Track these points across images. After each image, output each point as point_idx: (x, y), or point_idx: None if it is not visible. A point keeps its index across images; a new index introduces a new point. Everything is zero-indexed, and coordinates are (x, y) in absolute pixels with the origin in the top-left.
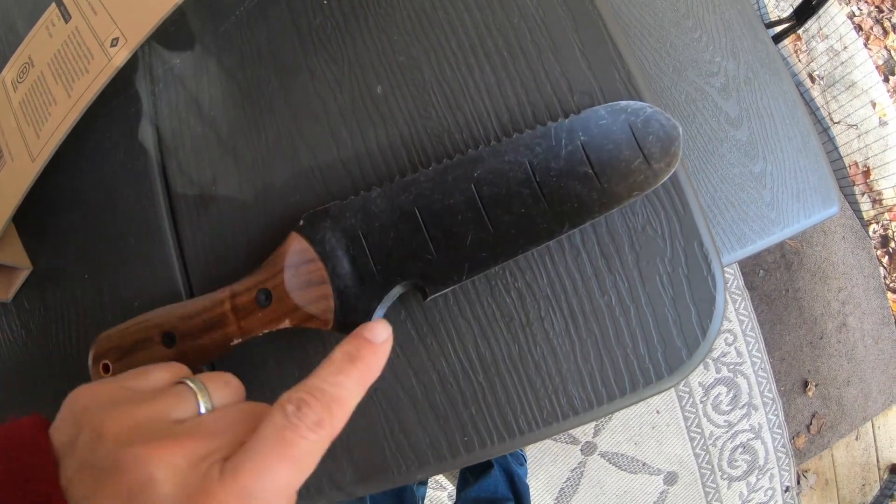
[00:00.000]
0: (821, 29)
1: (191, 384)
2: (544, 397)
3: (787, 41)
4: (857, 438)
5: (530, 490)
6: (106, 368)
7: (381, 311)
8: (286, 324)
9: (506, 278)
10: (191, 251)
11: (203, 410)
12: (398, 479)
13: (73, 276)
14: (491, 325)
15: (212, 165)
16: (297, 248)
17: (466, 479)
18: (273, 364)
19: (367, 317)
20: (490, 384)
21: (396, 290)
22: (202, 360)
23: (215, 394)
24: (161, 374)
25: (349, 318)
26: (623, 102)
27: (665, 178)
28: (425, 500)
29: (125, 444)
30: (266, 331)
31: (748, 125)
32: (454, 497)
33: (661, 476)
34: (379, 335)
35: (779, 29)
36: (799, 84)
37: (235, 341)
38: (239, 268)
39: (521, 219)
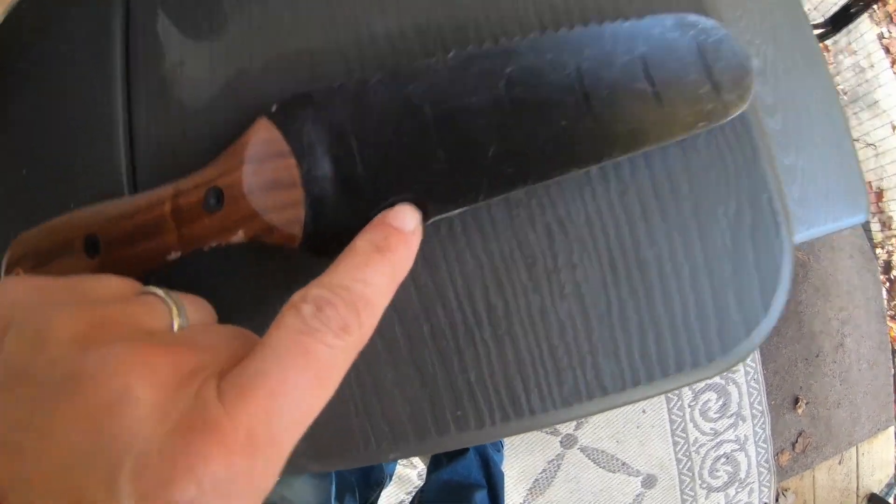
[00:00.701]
0: (850, 44)
1: (161, 293)
2: (567, 368)
3: None
4: (840, 462)
5: (504, 478)
6: None
7: None
8: (239, 236)
9: (531, 208)
10: (142, 145)
11: (176, 327)
12: (364, 456)
13: (11, 170)
14: (507, 266)
15: (181, 43)
16: (264, 137)
17: (439, 461)
18: (220, 292)
19: (347, 236)
20: (498, 344)
21: (389, 205)
22: (132, 276)
23: (191, 310)
24: (119, 282)
25: (323, 236)
26: (692, 17)
27: (736, 114)
28: (393, 477)
29: (85, 348)
30: (213, 244)
31: (783, 115)
32: (424, 477)
33: (640, 478)
34: (407, 222)
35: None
36: None
37: (173, 255)
38: (196, 168)
39: (561, 134)
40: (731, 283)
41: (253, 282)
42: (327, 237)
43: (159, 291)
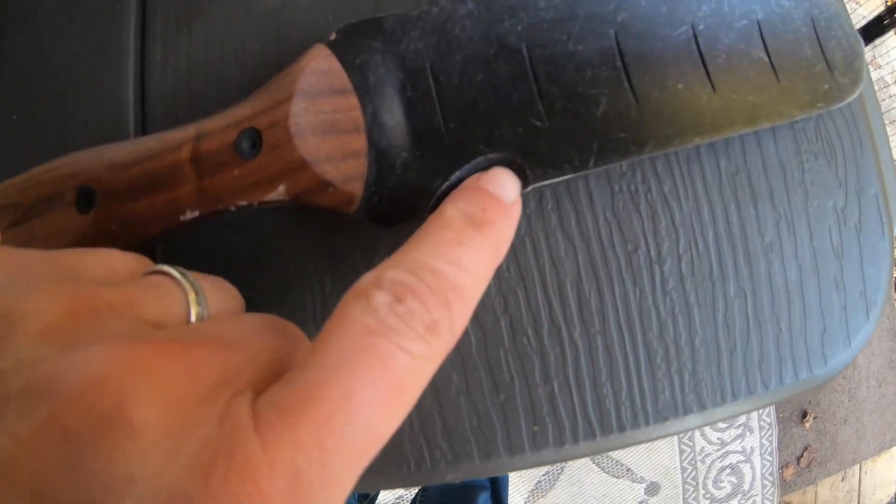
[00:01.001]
0: (874, 58)
1: (176, 274)
2: (664, 377)
3: None
4: (843, 479)
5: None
6: None
7: (447, 192)
8: (279, 192)
9: (635, 184)
10: (156, 85)
11: (194, 318)
12: (416, 477)
13: None
14: (605, 252)
15: None
16: (320, 66)
17: None
18: (246, 268)
19: (421, 198)
20: (589, 346)
21: (477, 166)
22: (135, 240)
23: (213, 296)
24: (121, 257)
25: (390, 198)
26: None
27: (850, 98)
28: None
29: (66, 346)
30: (243, 202)
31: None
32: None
33: (644, 485)
34: (509, 190)
35: None
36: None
37: (189, 214)
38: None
39: (679, 97)
40: (837, 285)
41: (290, 257)
42: (394, 201)
43: (172, 270)
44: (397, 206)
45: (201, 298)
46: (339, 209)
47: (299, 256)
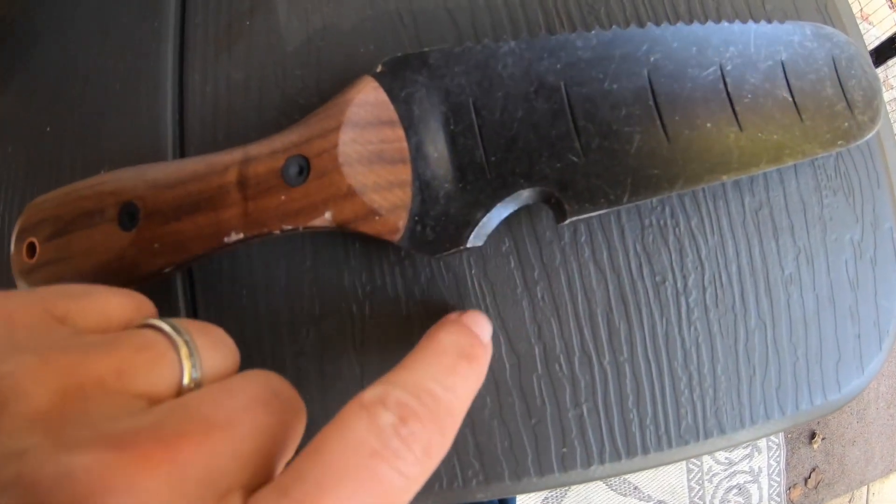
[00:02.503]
0: (887, 79)
1: (169, 330)
2: (687, 403)
3: None
4: (850, 501)
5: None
6: (32, 250)
7: (488, 224)
8: (326, 220)
9: (664, 219)
10: (195, 105)
11: (187, 381)
12: (447, 495)
13: (33, 128)
14: (634, 283)
15: None
16: (369, 98)
17: None
18: (282, 287)
19: (464, 229)
20: (618, 373)
21: (517, 198)
22: (176, 259)
23: (207, 354)
24: (119, 299)
25: (434, 228)
26: (828, 29)
27: (869, 135)
28: None
29: (54, 436)
30: (288, 227)
31: None
32: None
33: None
34: (486, 333)
35: None
36: None
37: (234, 236)
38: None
39: (707, 135)
40: (852, 315)
41: (329, 282)
42: (436, 230)
43: (166, 326)
44: (439, 236)
45: (195, 360)
46: (384, 237)
47: (338, 283)
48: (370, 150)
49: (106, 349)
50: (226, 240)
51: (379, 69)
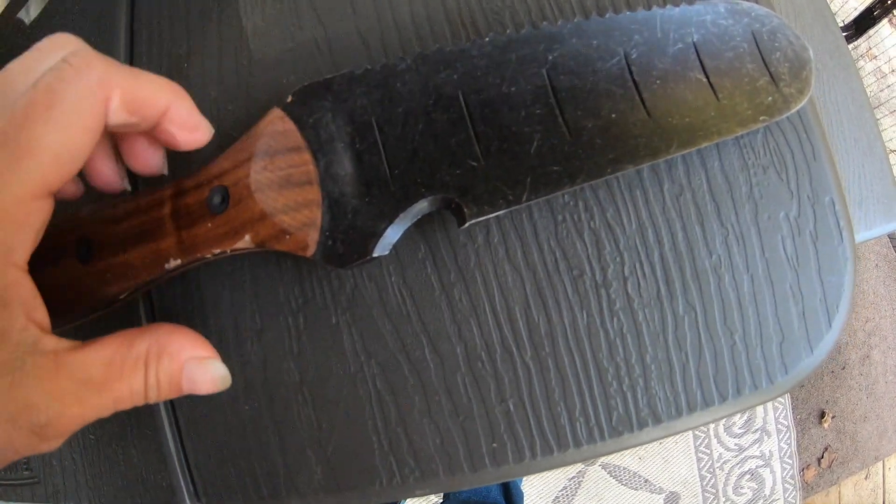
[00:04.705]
0: (870, 49)
1: None
2: (616, 394)
3: None
4: (866, 478)
5: (524, 497)
6: None
7: (392, 234)
8: (246, 241)
9: (578, 213)
10: None
11: None
12: (387, 492)
13: None
14: (551, 279)
15: (189, 33)
16: (276, 129)
17: None
18: (227, 305)
19: (370, 240)
20: (541, 368)
21: (419, 208)
22: (128, 286)
23: None
24: None
25: (343, 241)
26: (745, 4)
27: (797, 107)
28: None
29: None
30: (217, 251)
31: None
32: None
33: (663, 496)
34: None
35: None
36: None
37: (172, 262)
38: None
39: (612, 126)
40: (794, 294)
41: (264, 298)
42: (346, 243)
43: None
44: (348, 249)
45: None
46: (298, 253)
47: (274, 297)
48: (279, 176)
49: None
50: (167, 266)
51: (289, 100)
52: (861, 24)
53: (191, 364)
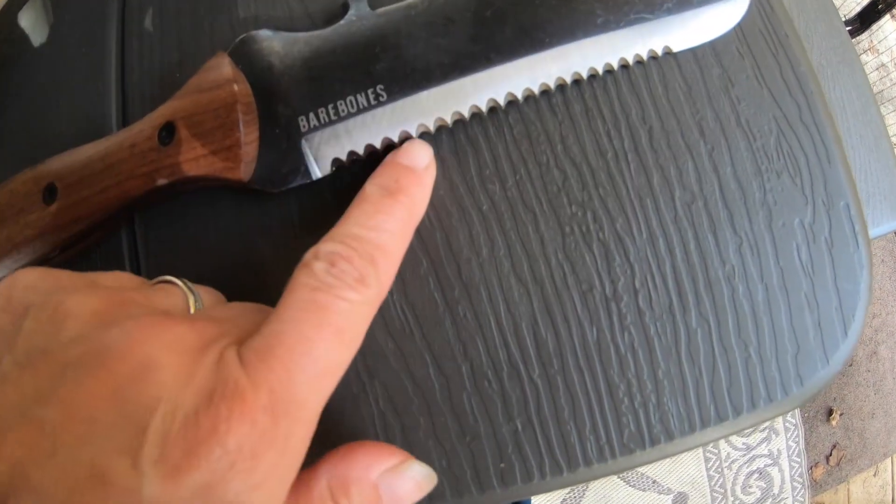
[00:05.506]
0: (873, 43)
1: (176, 281)
2: (628, 411)
3: None
4: (875, 475)
5: (531, 499)
6: None
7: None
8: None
9: (586, 224)
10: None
11: (192, 311)
12: None
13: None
14: (559, 294)
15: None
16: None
17: None
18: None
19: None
20: (550, 386)
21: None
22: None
23: (205, 297)
24: (130, 275)
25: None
26: None
27: None
28: None
29: (105, 324)
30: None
31: None
32: None
33: (671, 496)
34: (419, 158)
35: None
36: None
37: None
38: None
39: None
40: (809, 303)
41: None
42: (281, 162)
43: (174, 279)
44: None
45: (197, 297)
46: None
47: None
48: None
49: (130, 290)
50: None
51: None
52: (865, 18)
53: (385, 479)
